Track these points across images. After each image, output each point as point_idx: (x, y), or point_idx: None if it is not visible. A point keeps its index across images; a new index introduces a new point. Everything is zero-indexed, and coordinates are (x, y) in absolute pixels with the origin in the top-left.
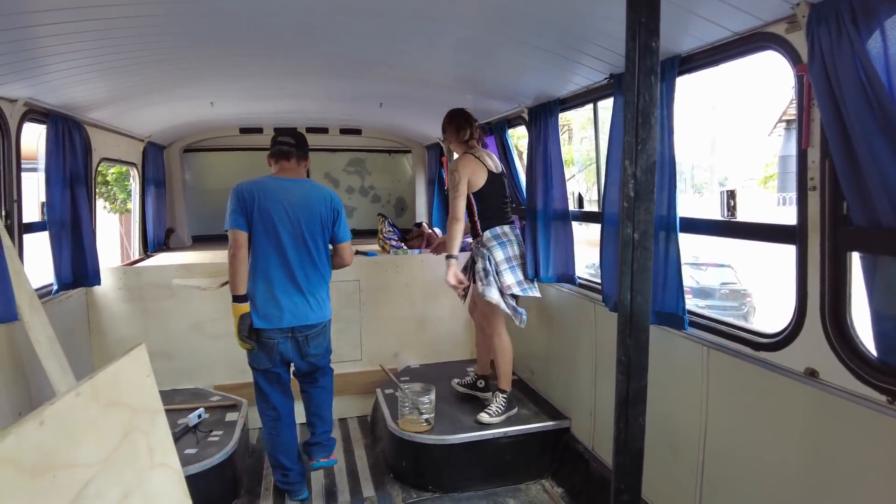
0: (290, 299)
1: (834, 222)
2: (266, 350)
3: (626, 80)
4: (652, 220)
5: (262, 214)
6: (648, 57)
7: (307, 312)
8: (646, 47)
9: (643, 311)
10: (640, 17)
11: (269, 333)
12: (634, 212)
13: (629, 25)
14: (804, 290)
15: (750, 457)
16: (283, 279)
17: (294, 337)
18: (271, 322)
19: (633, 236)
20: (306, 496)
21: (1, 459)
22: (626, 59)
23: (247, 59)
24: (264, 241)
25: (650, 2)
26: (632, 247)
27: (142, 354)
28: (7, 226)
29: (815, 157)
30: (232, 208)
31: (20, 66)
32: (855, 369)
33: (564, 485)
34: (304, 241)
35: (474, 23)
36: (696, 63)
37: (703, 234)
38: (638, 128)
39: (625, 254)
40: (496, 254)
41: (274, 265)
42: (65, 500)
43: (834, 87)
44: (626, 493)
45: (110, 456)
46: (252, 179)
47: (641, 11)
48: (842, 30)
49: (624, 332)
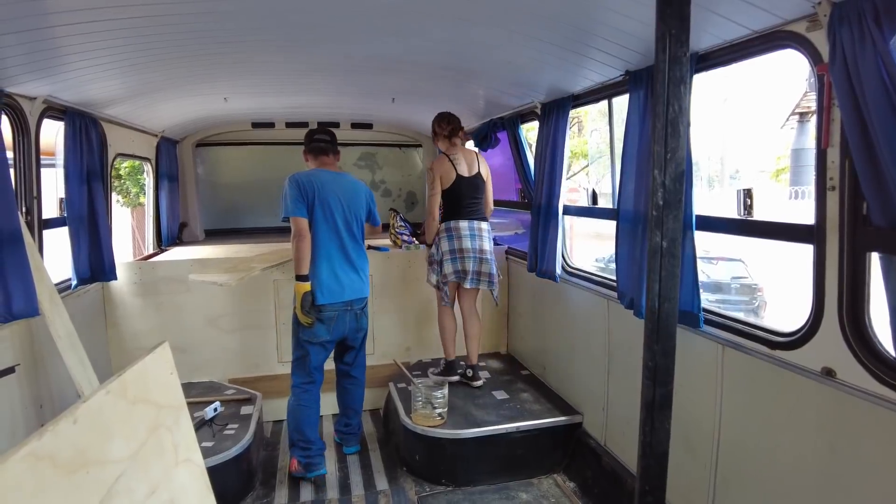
0: (347, 276)
1: (853, 222)
2: (327, 323)
3: (655, 90)
4: (680, 227)
5: (322, 203)
6: (678, 68)
7: (361, 287)
8: (675, 58)
9: (671, 318)
10: (671, 29)
11: (333, 307)
12: (663, 220)
13: (659, 36)
14: (822, 290)
15: (764, 454)
16: (341, 259)
17: (353, 310)
18: (335, 297)
19: (662, 244)
20: (325, 472)
21: (39, 456)
22: (654, 69)
23: (260, 55)
24: (324, 227)
25: (681, 12)
26: (660, 254)
27: (166, 352)
28: (27, 222)
29: (835, 157)
30: (293, 197)
31: (39, 64)
32: (873, 369)
33: (576, 479)
34: (352, 225)
35: (487, 18)
36: (714, 61)
37: (720, 233)
38: (668, 137)
39: (653, 262)
40: (442, 245)
41: (334, 247)
42: (98, 494)
43: (855, 87)
44: (650, 494)
45: (138, 452)
46: (304, 172)
47: (672, 22)
48: (864, 29)
49: (651, 338)
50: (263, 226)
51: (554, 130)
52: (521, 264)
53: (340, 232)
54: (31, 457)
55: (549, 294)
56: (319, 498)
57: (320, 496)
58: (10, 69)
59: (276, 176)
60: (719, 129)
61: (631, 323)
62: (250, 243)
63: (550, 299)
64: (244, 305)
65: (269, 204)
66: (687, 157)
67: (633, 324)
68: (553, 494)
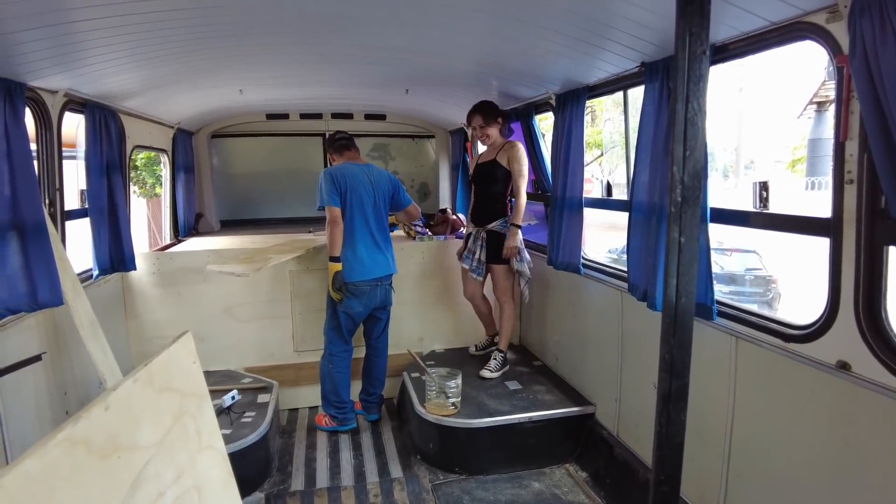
0: (375, 256)
1: (871, 216)
2: (359, 297)
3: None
4: (698, 223)
5: (353, 193)
6: (697, 65)
7: (388, 265)
8: (694, 55)
9: (688, 312)
10: (691, 27)
11: (366, 283)
12: (681, 216)
13: (678, 34)
14: (838, 283)
15: (777, 447)
16: (370, 241)
17: (382, 285)
18: (366, 274)
19: (680, 240)
20: (355, 426)
21: (74, 441)
22: (673, 65)
23: (275, 47)
24: (356, 213)
25: (701, 10)
26: (678, 250)
27: (189, 342)
28: (51, 213)
29: (854, 150)
30: (328, 188)
31: (61, 59)
32: (889, 363)
33: (588, 469)
34: (379, 211)
35: (501, 10)
36: (730, 52)
37: (735, 226)
38: (686, 135)
39: (671, 256)
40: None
41: (363, 231)
42: (128, 478)
43: (875, 80)
44: (665, 484)
45: (164, 438)
46: (336, 166)
47: (692, 20)
48: (885, 21)
49: (668, 332)
50: (278, 216)
51: (570, 121)
52: (535, 256)
53: (368, 218)
54: (67, 441)
55: (562, 285)
56: (335, 484)
57: (335, 482)
58: (32, 63)
59: (291, 167)
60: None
61: (643, 314)
62: (265, 234)
63: (563, 291)
64: (261, 295)
65: (284, 194)
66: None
67: (645, 315)
68: (565, 484)
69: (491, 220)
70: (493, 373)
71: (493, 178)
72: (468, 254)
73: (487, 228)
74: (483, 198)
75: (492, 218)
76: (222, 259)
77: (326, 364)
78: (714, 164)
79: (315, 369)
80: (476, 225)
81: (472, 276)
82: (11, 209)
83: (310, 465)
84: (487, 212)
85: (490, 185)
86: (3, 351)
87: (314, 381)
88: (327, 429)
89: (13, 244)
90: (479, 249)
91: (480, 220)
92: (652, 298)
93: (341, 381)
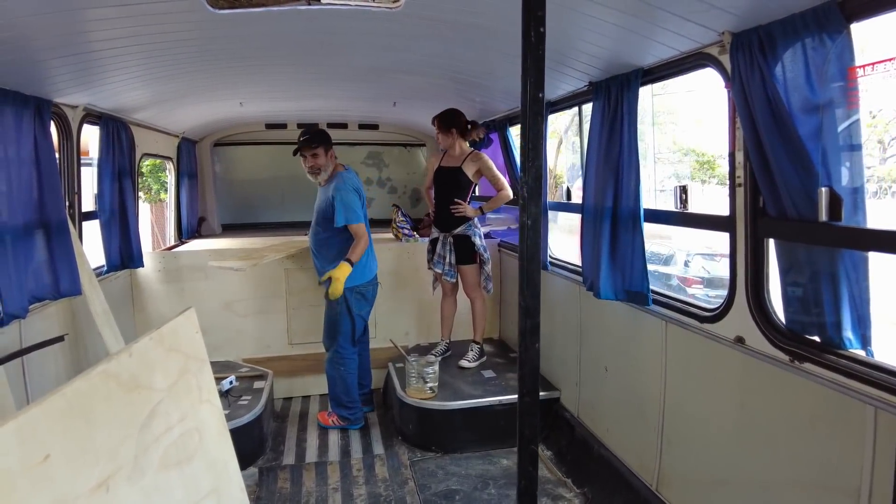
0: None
1: (754, 213)
2: (370, 299)
3: (521, 119)
4: (539, 212)
5: (364, 203)
6: (535, 105)
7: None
8: (534, 98)
9: (535, 272)
10: (531, 78)
11: (375, 281)
12: (528, 207)
13: (523, 82)
14: (735, 271)
15: (697, 414)
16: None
17: (379, 283)
18: (371, 273)
19: (528, 223)
20: (363, 424)
21: (108, 374)
22: (521, 104)
23: (272, 67)
24: (367, 221)
25: (538, 67)
26: (527, 229)
27: (192, 315)
28: (70, 214)
29: (741, 158)
30: (359, 206)
31: (83, 78)
32: (769, 335)
33: (553, 448)
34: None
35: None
36: (656, 75)
37: (661, 224)
38: (529, 153)
39: (523, 234)
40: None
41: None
42: (145, 410)
43: (749, 103)
44: (527, 396)
45: (172, 387)
46: (350, 176)
47: (531, 73)
48: (753, 56)
49: (522, 284)
50: (277, 220)
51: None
52: (512, 257)
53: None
54: (104, 374)
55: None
56: (322, 460)
57: (323, 458)
58: (59, 83)
59: (288, 173)
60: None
61: (597, 306)
62: (264, 236)
63: None
64: (258, 291)
65: (283, 199)
66: (636, 157)
67: (598, 306)
68: None
69: (455, 226)
70: (471, 363)
71: (457, 185)
72: (438, 259)
73: (454, 234)
74: (446, 203)
75: (456, 223)
76: (222, 256)
77: (338, 368)
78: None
79: (308, 361)
80: (441, 230)
81: (446, 279)
82: (39, 210)
83: (300, 445)
84: (451, 219)
85: (452, 191)
86: (29, 333)
87: (307, 372)
88: (335, 427)
89: (40, 241)
90: (448, 254)
91: (445, 226)
92: (597, 288)
93: (352, 381)
